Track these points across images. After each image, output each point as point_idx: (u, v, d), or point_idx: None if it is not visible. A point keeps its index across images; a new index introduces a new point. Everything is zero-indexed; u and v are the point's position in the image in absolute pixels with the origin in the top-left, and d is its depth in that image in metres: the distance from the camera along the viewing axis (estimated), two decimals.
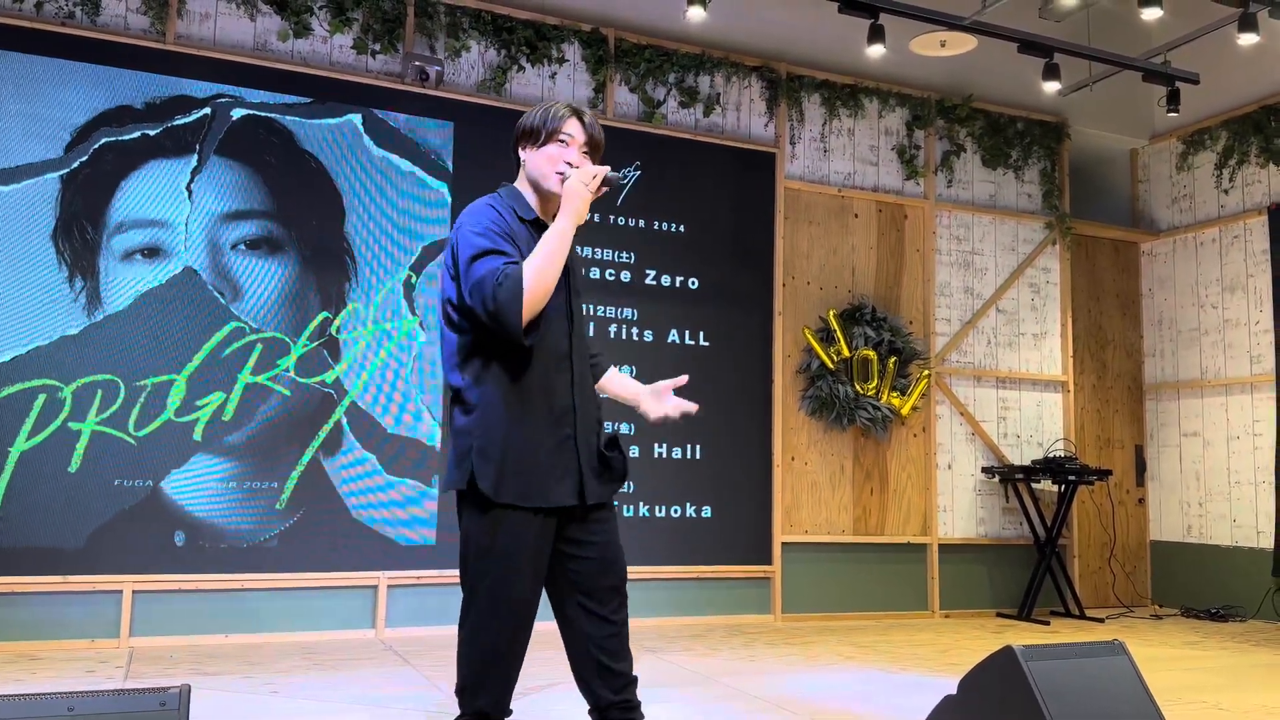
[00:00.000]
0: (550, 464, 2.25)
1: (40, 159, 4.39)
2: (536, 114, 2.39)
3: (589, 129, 2.38)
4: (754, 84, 5.90)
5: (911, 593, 5.93)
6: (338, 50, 5.01)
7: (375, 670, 3.96)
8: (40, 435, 4.29)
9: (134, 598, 4.36)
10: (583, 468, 2.29)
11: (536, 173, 2.36)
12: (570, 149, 2.34)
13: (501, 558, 2.20)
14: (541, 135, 2.35)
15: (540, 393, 2.27)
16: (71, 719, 1.55)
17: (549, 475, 2.24)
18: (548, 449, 2.26)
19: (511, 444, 2.21)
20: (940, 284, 6.24)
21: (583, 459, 2.30)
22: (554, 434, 2.27)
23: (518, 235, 2.29)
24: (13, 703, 1.57)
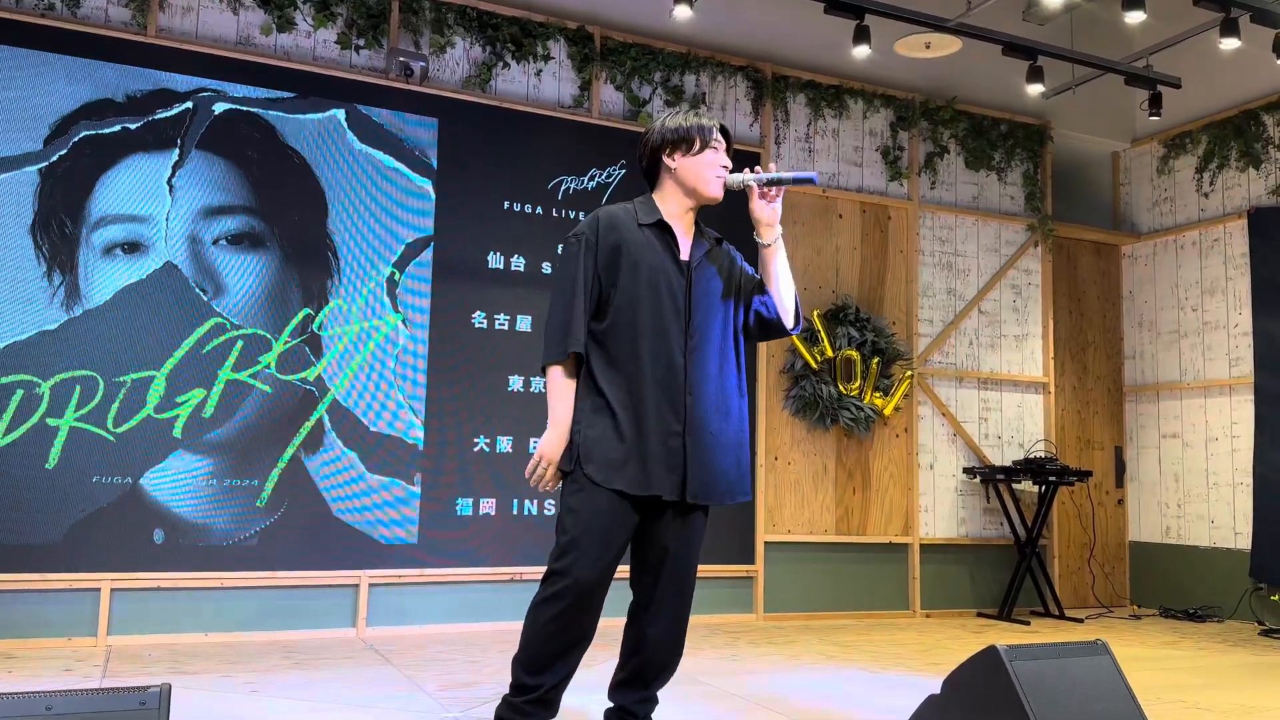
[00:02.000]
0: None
1: (18, 152, 4.34)
2: (680, 125, 2.56)
3: (727, 135, 2.61)
4: (739, 83, 5.90)
5: (893, 592, 5.95)
6: (321, 45, 4.98)
7: (356, 669, 3.93)
8: (17, 431, 4.23)
9: (112, 596, 4.32)
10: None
11: (697, 178, 2.55)
12: (720, 153, 2.58)
13: None
14: (696, 144, 2.55)
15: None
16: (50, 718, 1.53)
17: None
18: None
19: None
20: (923, 285, 6.27)
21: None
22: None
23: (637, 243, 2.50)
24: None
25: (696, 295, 2.51)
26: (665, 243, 2.54)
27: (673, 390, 2.44)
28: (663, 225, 2.53)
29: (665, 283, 2.49)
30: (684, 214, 2.58)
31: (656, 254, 2.51)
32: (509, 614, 4.99)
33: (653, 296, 2.47)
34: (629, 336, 2.45)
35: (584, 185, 5.42)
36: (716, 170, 2.54)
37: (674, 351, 2.44)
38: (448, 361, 5.02)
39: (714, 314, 2.53)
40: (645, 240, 2.50)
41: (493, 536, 5.01)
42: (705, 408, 2.47)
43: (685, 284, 2.50)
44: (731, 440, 2.55)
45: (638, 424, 2.42)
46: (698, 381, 2.47)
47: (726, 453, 2.54)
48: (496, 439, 5.08)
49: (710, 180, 2.54)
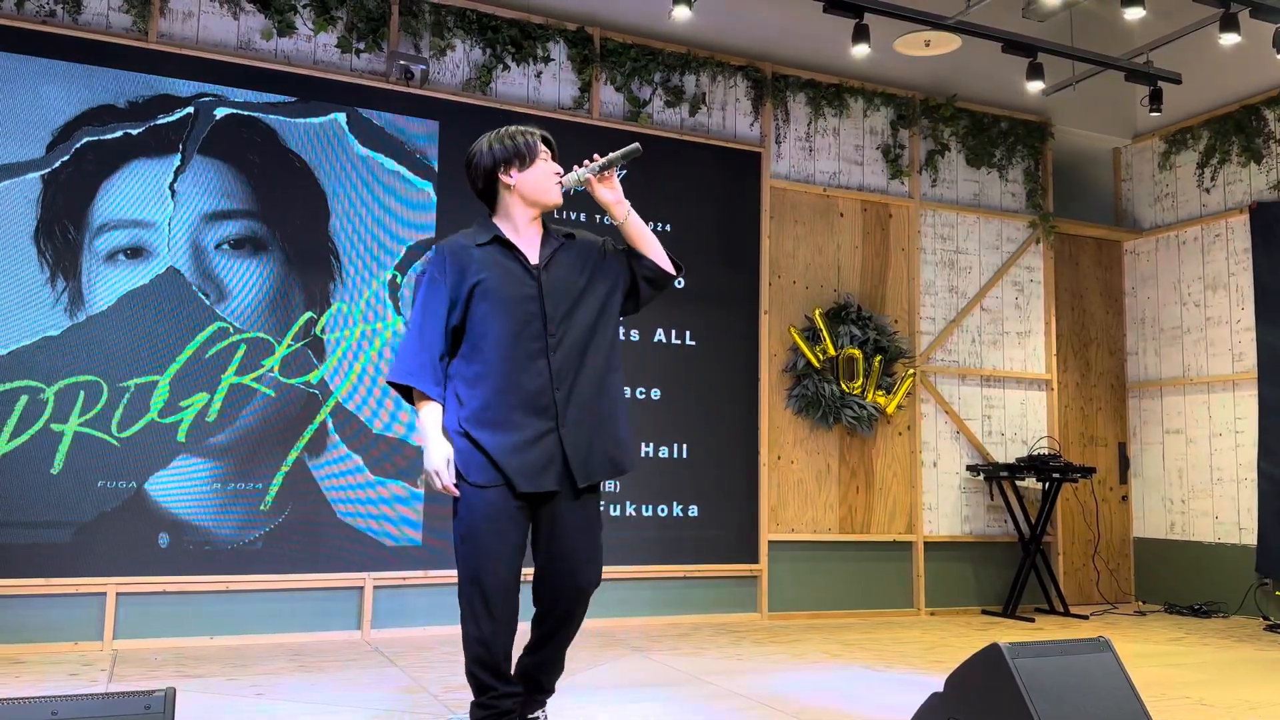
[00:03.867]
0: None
1: (21, 159, 4.36)
2: (508, 143, 2.74)
3: (551, 145, 2.79)
4: (739, 83, 5.90)
5: (897, 591, 5.95)
6: (322, 49, 4.99)
7: (362, 671, 3.94)
8: (22, 436, 4.25)
9: (118, 600, 4.33)
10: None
11: (536, 189, 2.71)
12: (550, 160, 2.75)
13: None
14: (528, 158, 2.72)
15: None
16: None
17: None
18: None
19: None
20: (925, 283, 6.27)
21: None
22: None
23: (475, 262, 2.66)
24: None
25: (552, 294, 2.66)
26: (509, 256, 2.69)
27: (540, 390, 2.60)
28: (500, 241, 2.69)
29: (516, 293, 2.64)
30: (529, 224, 2.73)
31: (502, 268, 2.66)
32: None
33: (504, 309, 2.62)
34: (488, 352, 2.60)
35: (583, 188, 5.42)
36: (552, 178, 2.72)
37: (536, 353, 2.61)
38: None
39: (577, 305, 2.69)
40: (489, 259, 2.66)
41: None
42: (578, 396, 2.63)
43: (537, 287, 2.65)
44: (607, 417, 2.69)
45: (503, 430, 2.57)
46: (566, 374, 2.63)
47: (604, 431, 2.68)
48: None
49: (549, 189, 2.72)
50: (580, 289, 2.71)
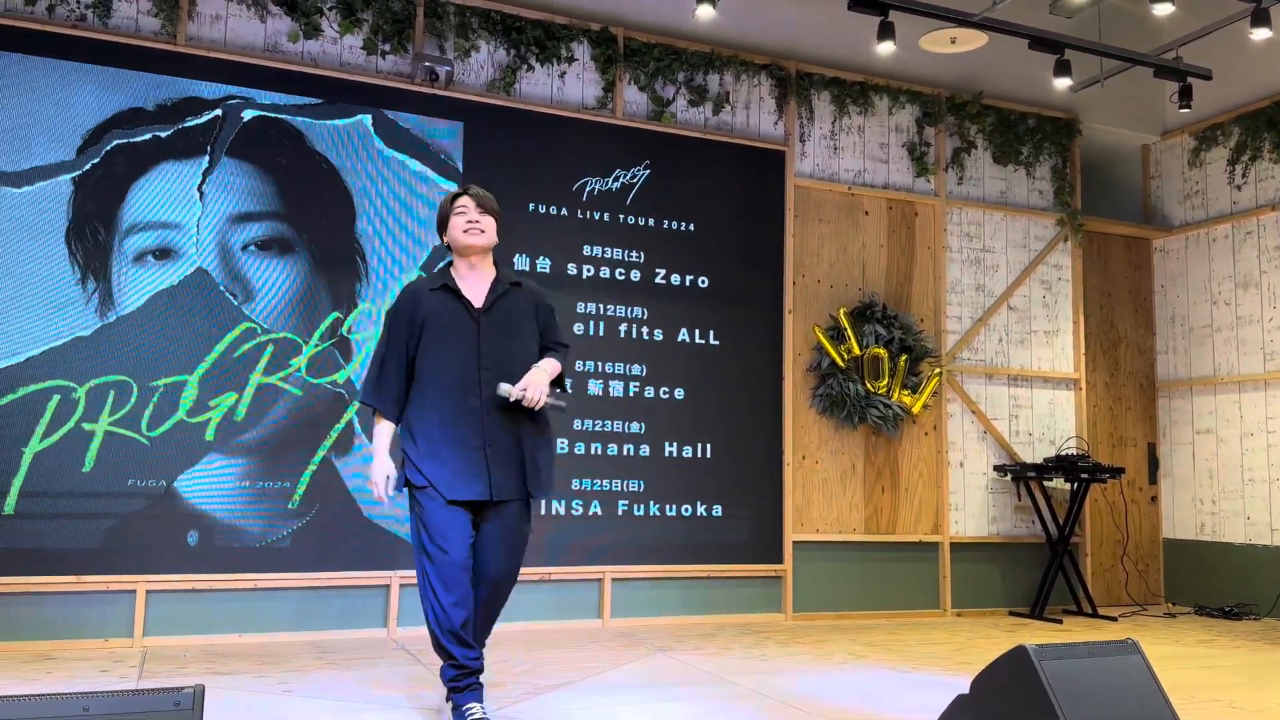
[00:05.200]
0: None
1: (53, 161, 4.42)
2: (439, 213, 3.26)
3: (472, 195, 3.21)
4: (763, 82, 5.89)
5: (923, 591, 5.91)
6: (348, 51, 5.02)
7: (388, 669, 3.97)
8: (54, 436, 4.31)
9: (148, 597, 4.38)
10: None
11: (455, 241, 3.18)
12: (466, 212, 3.16)
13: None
14: (449, 219, 3.19)
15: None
16: (87, 719, 1.56)
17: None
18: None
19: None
20: (951, 281, 6.22)
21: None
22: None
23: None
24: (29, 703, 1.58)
25: (488, 333, 3.12)
26: (454, 298, 3.14)
27: (472, 414, 3.06)
28: (448, 287, 3.15)
29: (457, 330, 3.10)
30: (471, 270, 3.19)
31: (447, 309, 3.13)
32: (539, 614, 5.01)
33: (446, 344, 3.09)
34: (430, 380, 3.09)
35: (608, 186, 5.44)
36: (464, 227, 3.15)
37: (469, 384, 3.07)
38: None
39: (510, 344, 3.14)
40: (437, 301, 3.13)
41: None
42: (501, 423, 3.07)
43: (475, 327, 3.11)
44: (527, 445, 3.12)
45: (443, 446, 3.05)
46: (493, 405, 3.06)
47: (523, 457, 3.11)
48: None
49: (458, 237, 3.16)
50: (515, 331, 3.17)
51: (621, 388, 5.35)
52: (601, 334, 5.34)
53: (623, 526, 5.25)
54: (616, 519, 5.24)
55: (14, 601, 4.20)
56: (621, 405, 5.34)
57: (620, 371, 5.36)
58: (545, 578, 5.05)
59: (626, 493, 5.29)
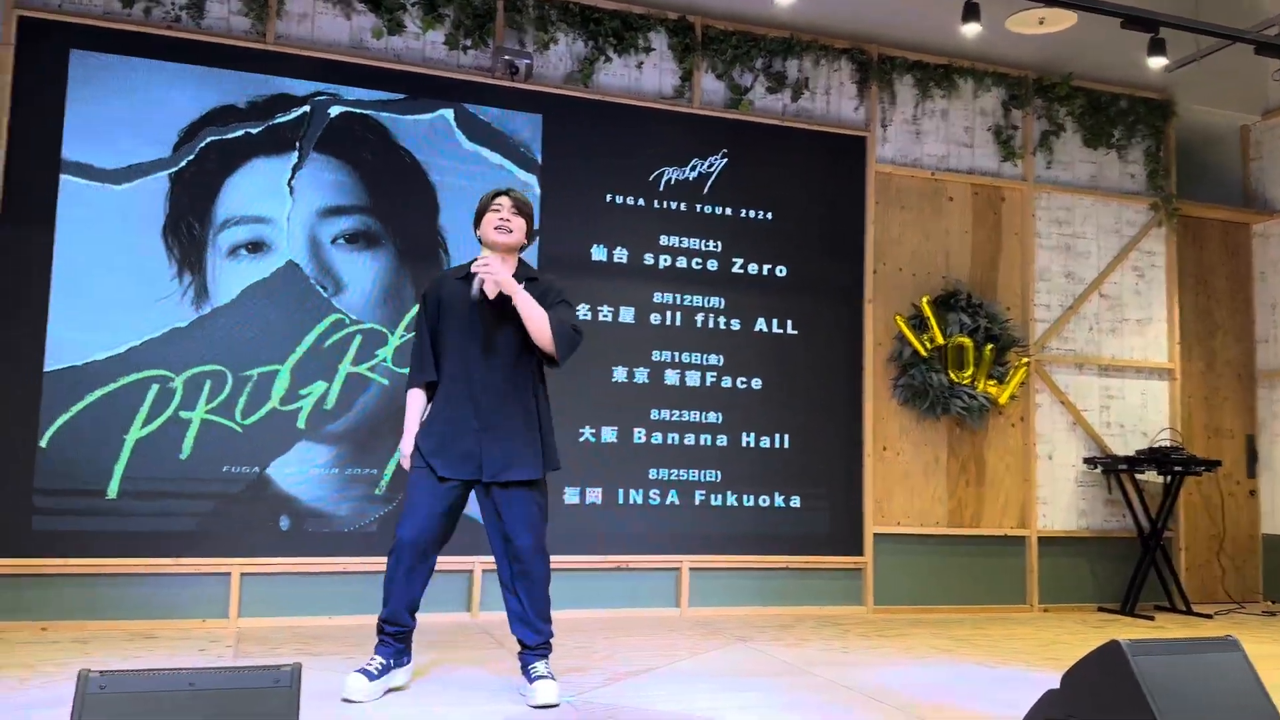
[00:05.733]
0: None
1: (150, 158, 4.59)
2: (478, 206, 3.47)
3: (510, 196, 3.41)
4: (844, 67, 5.81)
5: (1009, 586, 5.79)
6: (430, 46, 5.10)
7: (471, 652, 4.04)
8: (154, 424, 4.49)
9: (242, 580, 4.54)
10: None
11: (485, 235, 3.41)
12: (500, 211, 3.37)
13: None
14: (485, 215, 3.40)
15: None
16: (193, 693, 1.63)
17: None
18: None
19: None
20: (1040, 269, 6.07)
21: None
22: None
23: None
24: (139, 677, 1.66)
25: (492, 320, 3.30)
26: (464, 285, 3.35)
27: (471, 397, 3.27)
28: (465, 276, 3.37)
29: (466, 316, 3.32)
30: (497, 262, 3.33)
31: (460, 295, 3.35)
32: (616, 601, 5.05)
33: (457, 330, 3.33)
34: (444, 362, 3.35)
35: (685, 175, 5.43)
36: (495, 224, 3.36)
37: (471, 367, 3.29)
38: None
39: (512, 332, 3.30)
40: (456, 288, 3.37)
41: (599, 525, 5.08)
42: (495, 408, 3.27)
43: (482, 313, 3.30)
44: (520, 429, 3.30)
45: (444, 426, 3.29)
46: (488, 388, 3.28)
47: (516, 439, 3.28)
48: (601, 429, 5.14)
49: (488, 233, 3.38)
50: (515, 323, 3.30)
51: (698, 378, 5.34)
52: (678, 324, 5.35)
53: (700, 516, 5.25)
54: (693, 509, 5.25)
55: (117, 582, 4.39)
56: (698, 395, 5.34)
57: (697, 361, 5.36)
58: (623, 565, 5.08)
59: (704, 483, 5.29)
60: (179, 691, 1.62)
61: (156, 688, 1.63)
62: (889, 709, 3.31)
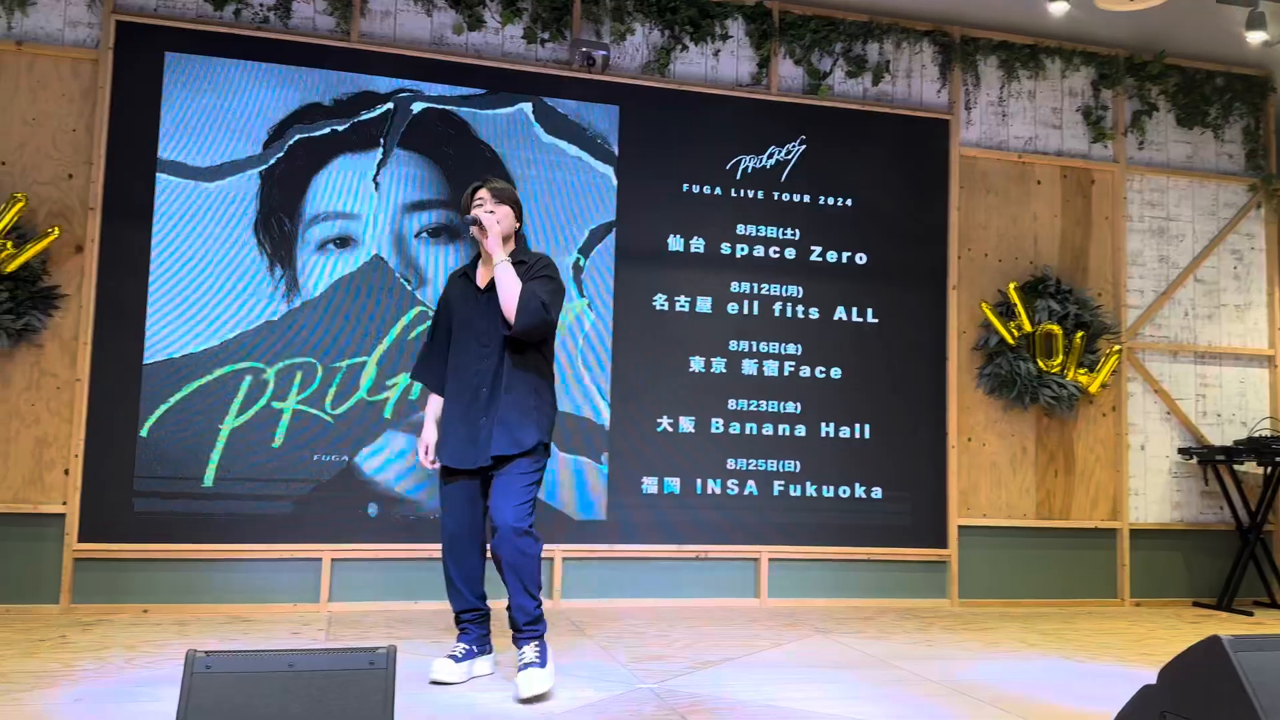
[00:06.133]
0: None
1: (241, 156, 4.73)
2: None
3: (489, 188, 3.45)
4: (925, 49, 5.69)
5: (1099, 580, 5.64)
6: (509, 41, 5.16)
7: (553, 638, 4.09)
8: (247, 413, 4.64)
9: (332, 565, 4.66)
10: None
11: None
12: (482, 206, 3.41)
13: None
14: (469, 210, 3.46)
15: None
16: (293, 674, 1.68)
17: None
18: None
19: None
20: (1132, 253, 5.88)
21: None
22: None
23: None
24: (242, 658, 1.72)
25: (486, 311, 3.35)
26: (467, 281, 3.46)
27: (476, 386, 3.32)
28: (465, 271, 3.49)
29: (466, 310, 3.40)
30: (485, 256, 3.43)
31: (461, 291, 3.46)
32: (694, 590, 5.06)
33: (460, 324, 3.41)
34: (451, 358, 3.43)
35: (762, 163, 5.39)
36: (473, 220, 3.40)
37: (472, 359, 3.35)
38: (631, 344, 5.12)
39: (502, 325, 3.30)
40: (460, 285, 3.48)
41: (677, 515, 5.09)
42: (498, 393, 3.30)
43: (478, 306, 3.37)
44: (518, 408, 3.30)
45: (451, 419, 3.37)
46: (490, 375, 3.31)
47: (510, 423, 3.28)
48: (679, 419, 5.14)
49: (475, 231, 3.41)
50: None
51: (776, 367, 5.31)
52: (756, 313, 5.32)
53: (779, 507, 5.23)
54: (772, 499, 5.22)
55: (212, 567, 4.55)
56: (777, 385, 5.31)
57: (775, 351, 5.32)
58: (701, 555, 5.09)
59: (782, 473, 5.26)
60: (280, 672, 1.68)
61: (259, 668, 1.69)
62: (976, 703, 3.25)
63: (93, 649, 3.67)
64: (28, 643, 3.74)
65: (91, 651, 3.63)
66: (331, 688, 1.64)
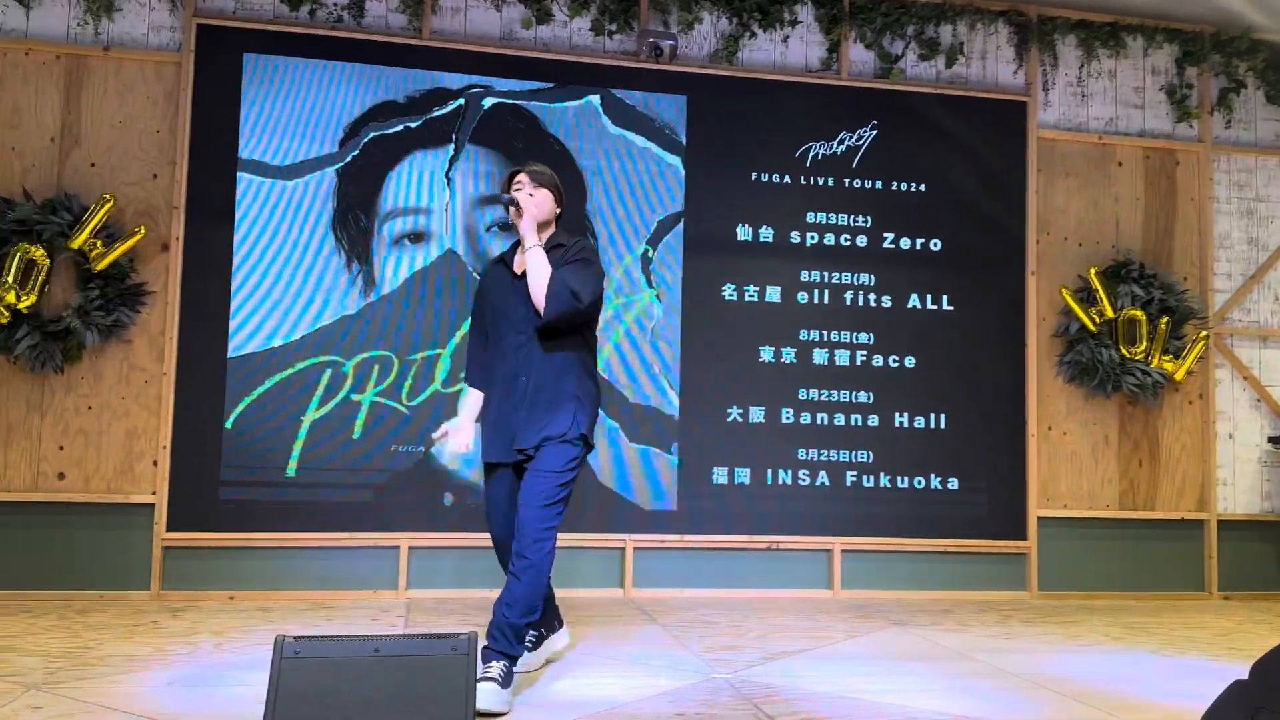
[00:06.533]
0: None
1: (319, 154, 4.83)
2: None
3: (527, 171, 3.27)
4: (1000, 30, 5.56)
5: (1186, 572, 5.47)
6: (577, 34, 5.18)
7: (627, 628, 4.12)
8: (327, 406, 4.75)
9: (410, 553, 4.76)
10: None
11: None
12: (521, 190, 3.24)
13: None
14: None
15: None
16: (377, 659, 1.72)
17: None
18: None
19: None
20: (1219, 235, 5.67)
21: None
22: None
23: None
24: (328, 643, 1.77)
25: (522, 298, 3.18)
26: (503, 268, 3.33)
27: (513, 374, 3.17)
28: (502, 258, 3.36)
29: (502, 297, 3.26)
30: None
31: (498, 279, 3.32)
32: (766, 581, 5.04)
33: (495, 312, 3.28)
34: (490, 348, 3.30)
35: (833, 150, 5.33)
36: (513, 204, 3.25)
37: (509, 348, 3.20)
38: (700, 334, 5.11)
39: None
40: (496, 272, 3.35)
41: (748, 505, 5.07)
42: (533, 382, 3.15)
43: (518, 294, 3.20)
44: (554, 397, 3.15)
45: (491, 412, 3.24)
46: (527, 365, 3.16)
47: (551, 406, 3.14)
48: (749, 409, 5.12)
49: (514, 215, 3.26)
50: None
51: (848, 357, 5.25)
52: (826, 302, 5.26)
53: (852, 498, 5.18)
54: (845, 490, 5.17)
55: (295, 554, 4.67)
56: (848, 374, 5.25)
57: (846, 340, 5.26)
58: (773, 546, 5.07)
59: (855, 463, 5.20)
60: (365, 657, 1.72)
61: (345, 653, 1.73)
62: (1059, 697, 3.19)
63: (183, 634, 3.80)
64: (122, 628, 3.89)
65: (182, 636, 3.76)
66: (415, 672, 1.68)
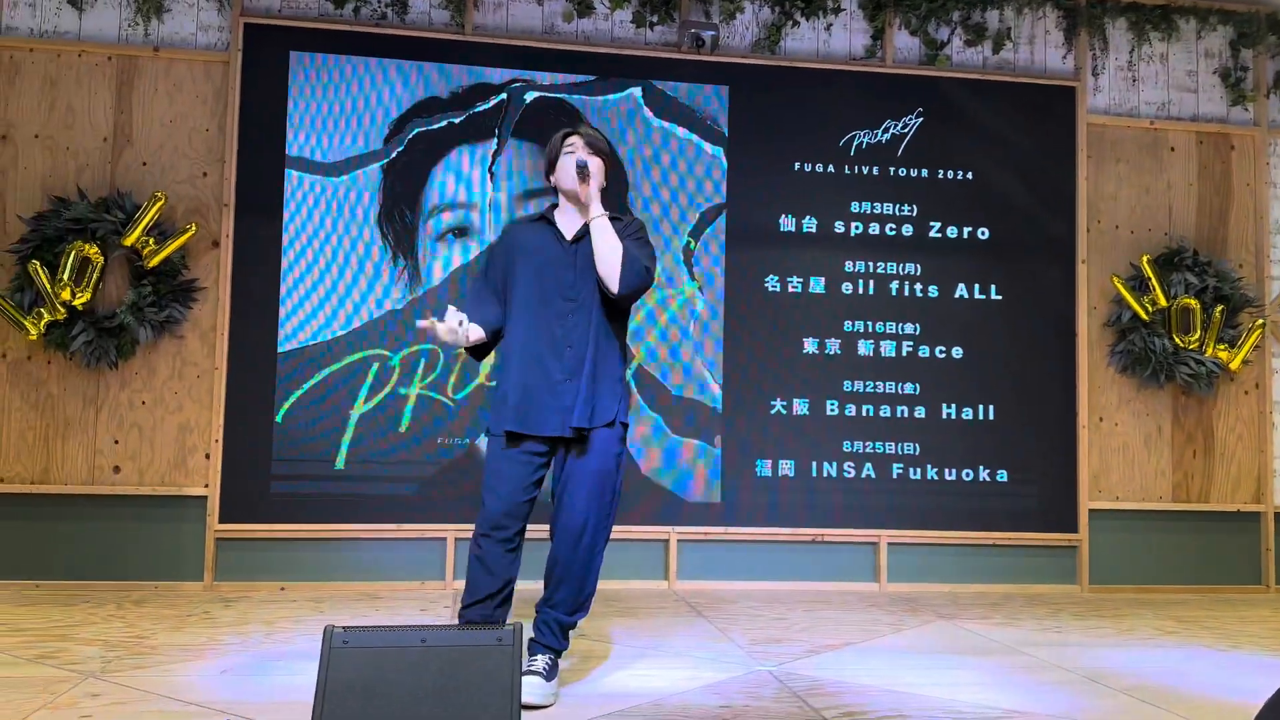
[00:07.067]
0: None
1: (364, 150, 4.88)
2: (547, 153, 3.17)
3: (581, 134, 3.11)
4: (1049, 14, 5.46)
5: (1242, 565, 5.35)
6: (618, 26, 5.17)
7: (672, 619, 4.13)
8: (375, 399, 4.80)
9: (456, 544, 4.80)
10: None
11: (560, 182, 3.10)
12: (574, 153, 3.05)
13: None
14: (556, 161, 3.09)
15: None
16: (424, 649, 1.74)
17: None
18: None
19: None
20: (1275, 221, 5.53)
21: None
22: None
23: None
24: (376, 634, 1.79)
25: (575, 263, 3.00)
26: (548, 231, 3.07)
27: (559, 342, 2.95)
28: (545, 219, 3.10)
29: (546, 260, 3.01)
30: (572, 208, 3.09)
31: (539, 240, 3.05)
32: (811, 574, 5.02)
33: (536, 276, 3.00)
34: (519, 312, 3.00)
35: (877, 138, 5.27)
36: (570, 170, 3.02)
37: (554, 314, 2.97)
38: (743, 325, 5.09)
39: (591, 283, 2.99)
40: (533, 233, 3.09)
41: (793, 498, 5.05)
42: (588, 355, 2.95)
43: (565, 257, 3.00)
44: (608, 377, 2.99)
45: (522, 378, 2.95)
46: (579, 334, 2.96)
47: (595, 387, 2.96)
48: (793, 401, 5.10)
49: (563, 179, 3.06)
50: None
51: (894, 347, 5.20)
52: (871, 292, 5.22)
53: (898, 490, 5.13)
54: (891, 482, 5.13)
55: (343, 545, 4.74)
56: (894, 365, 5.20)
57: (892, 331, 5.21)
58: (818, 539, 5.04)
59: (901, 456, 5.16)
60: (413, 647, 1.75)
61: (393, 643, 1.76)
62: (1111, 692, 3.14)
63: (235, 624, 3.88)
64: (176, 618, 3.97)
65: (233, 627, 3.83)
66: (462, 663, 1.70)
